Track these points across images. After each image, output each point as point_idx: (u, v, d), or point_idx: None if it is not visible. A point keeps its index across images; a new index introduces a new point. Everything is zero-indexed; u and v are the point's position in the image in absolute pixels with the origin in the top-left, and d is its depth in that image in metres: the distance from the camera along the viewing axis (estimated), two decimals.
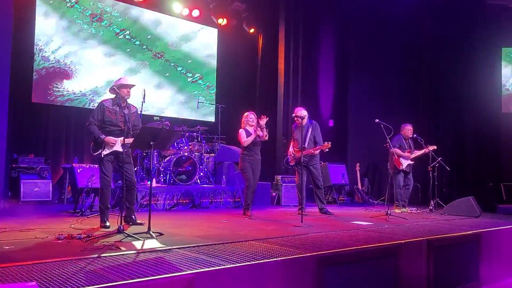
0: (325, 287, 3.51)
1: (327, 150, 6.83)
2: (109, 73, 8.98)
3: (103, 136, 4.80)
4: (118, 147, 4.81)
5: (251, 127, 6.44)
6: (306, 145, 6.72)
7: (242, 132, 6.43)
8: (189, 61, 10.37)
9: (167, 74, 9.99)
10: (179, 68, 10.21)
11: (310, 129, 6.86)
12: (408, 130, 7.71)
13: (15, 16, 6.83)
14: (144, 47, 9.61)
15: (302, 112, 6.80)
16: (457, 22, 10.00)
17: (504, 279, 5.38)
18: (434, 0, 9.87)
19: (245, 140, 6.32)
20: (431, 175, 7.73)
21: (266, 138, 6.35)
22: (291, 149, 7.05)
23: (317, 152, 6.81)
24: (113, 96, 5.03)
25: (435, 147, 7.70)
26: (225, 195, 7.75)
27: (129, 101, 5.12)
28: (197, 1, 9.98)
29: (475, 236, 5.13)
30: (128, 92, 5.00)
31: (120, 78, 5.10)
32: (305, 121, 6.78)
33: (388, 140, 6.56)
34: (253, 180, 6.37)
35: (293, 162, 7.00)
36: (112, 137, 4.82)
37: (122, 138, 4.72)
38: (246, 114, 6.56)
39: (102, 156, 4.82)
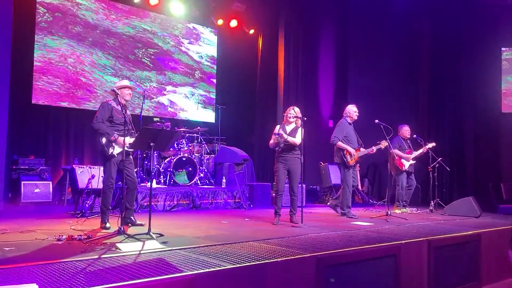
0: (325, 287, 3.51)
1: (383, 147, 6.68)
2: (109, 74, 8.99)
3: (117, 136, 4.78)
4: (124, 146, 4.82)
5: (290, 124, 5.80)
6: (359, 144, 6.62)
7: (276, 129, 5.79)
8: (189, 62, 10.38)
9: (166, 75, 9.99)
10: (179, 69, 10.21)
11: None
12: (405, 131, 7.70)
13: (15, 17, 6.83)
14: (144, 48, 9.61)
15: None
16: (456, 22, 10.01)
17: (504, 279, 5.38)
18: (433, 0, 9.88)
19: (270, 142, 5.77)
20: (431, 176, 7.73)
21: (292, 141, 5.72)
22: (351, 149, 6.49)
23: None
24: (112, 97, 5.06)
25: (434, 144, 7.69)
26: (225, 196, 7.75)
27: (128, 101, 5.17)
28: (197, 2, 9.99)
29: (476, 236, 5.13)
30: (130, 94, 5.03)
31: (121, 81, 5.17)
32: None
33: (388, 140, 6.56)
34: (291, 184, 5.70)
35: (353, 162, 6.53)
36: (122, 138, 4.81)
37: (128, 137, 4.75)
38: (289, 108, 5.91)
39: (115, 154, 4.80)
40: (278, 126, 5.85)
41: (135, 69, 9.45)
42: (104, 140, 4.81)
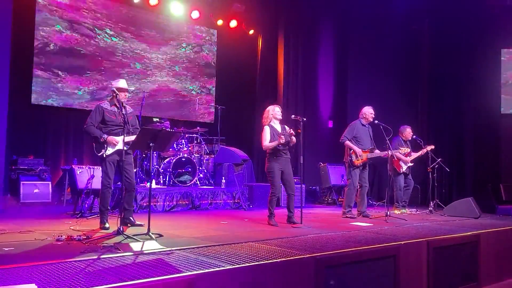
0: None
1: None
2: (108, 74, 8.99)
3: (105, 136, 4.82)
4: (120, 146, 4.82)
5: (278, 120, 5.72)
6: (372, 145, 6.65)
7: (266, 130, 5.64)
8: (188, 62, 10.38)
9: (166, 75, 9.98)
10: (179, 69, 10.21)
11: (370, 130, 6.80)
12: (408, 132, 7.69)
13: (15, 17, 6.83)
14: (144, 48, 9.61)
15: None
16: (456, 22, 10.01)
17: (504, 279, 5.38)
18: (433, 1, 9.89)
19: (266, 145, 5.58)
20: (430, 176, 7.72)
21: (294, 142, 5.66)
22: (357, 149, 6.49)
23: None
24: (110, 96, 5.08)
25: (433, 147, 7.70)
26: (225, 197, 7.74)
27: (128, 101, 5.16)
28: (196, 2, 9.99)
29: (475, 237, 5.13)
30: (125, 96, 5.04)
31: (119, 81, 5.12)
32: None
33: (387, 141, 6.55)
34: (288, 184, 5.64)
35: (360, 163, 6.53)
36: (114, 137, 4.83)
37: (123, 137, 4.74)
38: (271, 107, 5.78)
39: (105, 156, 4.83)
40: (268, 128, 5.68)
41: (134, 68, 9.45)
42: (95, 142, 4.87)
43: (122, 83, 5.07)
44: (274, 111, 5.74)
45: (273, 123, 5.74)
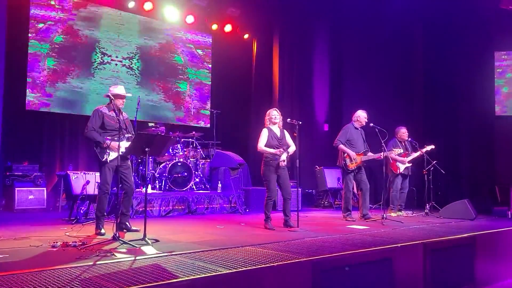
0: None
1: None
2: (105, 78, 8.97)
3: (109, 142, 4.79)
4: (122, 151, 4.80)
5: (275, 124, 5.77)
6: (365, 148, 6.69)
7: (263, 132, 5.70)
8: (184, 67, 10.38)
9: (161, 80, 9.97)
10: (174, 74, 10.20)
11: (363, 133, 6.85)
12: (403, 133, 7.73)
13: (9, 22, 6.82)
14: (139, 52, 9.60)
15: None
16: (450, 26, 10.08)
17: (500, 281, 5.39)
18: (427, 4, 9.95)
19: (260, 146, 5.62)
20: (426, 179, 7.75)
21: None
22: (351, 153, 6.59)
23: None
24: (106, 102, 5.05)
25: (433, 147, 7.70)
26: (221, 201, 7.73)
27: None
28: (192, 7, 10.01)
29: (471, 238, 5.14)
30: (123, 102, 5.03)
31: (116, 87, 5.09)
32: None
33: (383, 144, 6.58)
34: (284, 188, 5.66)
35: (354, 166, 6.60)
36: (115, 142, 4.80)
37: (123, 142, 4.74)
38: (269, 111, 5.86)
39: (108, 161, 4.80)
40: (266, 130, 5.72)
41: (130, 72, 9.44)
42: (97, 148, 4.82)
43: (120, 89, 5.04)
44: (269, 115, 5.80)
45: (272, 126, 5.76)
